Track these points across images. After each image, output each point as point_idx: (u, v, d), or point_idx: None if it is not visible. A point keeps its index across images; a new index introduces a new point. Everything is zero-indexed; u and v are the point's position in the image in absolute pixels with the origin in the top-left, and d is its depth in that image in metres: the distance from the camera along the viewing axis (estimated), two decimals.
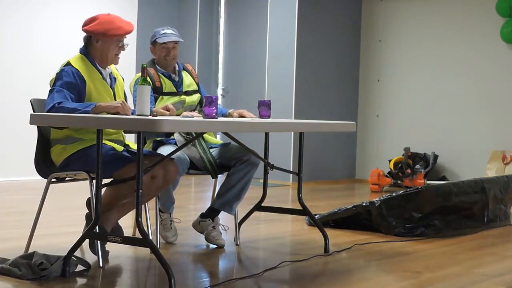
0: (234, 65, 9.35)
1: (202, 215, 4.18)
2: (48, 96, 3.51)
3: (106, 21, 3.63)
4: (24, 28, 7.61)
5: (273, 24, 8.30)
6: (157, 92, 4.13)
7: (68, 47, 7.68)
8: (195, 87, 4.32)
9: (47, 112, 3.40)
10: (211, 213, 4.15)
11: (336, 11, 8.63)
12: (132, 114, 3.47)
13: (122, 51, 3.72)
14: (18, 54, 7.57)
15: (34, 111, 3.64)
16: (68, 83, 3.51)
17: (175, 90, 4.20)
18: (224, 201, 4.09)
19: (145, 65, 3.38)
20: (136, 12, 8.46)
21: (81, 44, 3.73)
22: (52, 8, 7.84)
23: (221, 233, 4.15)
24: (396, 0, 8.62)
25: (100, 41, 3.65)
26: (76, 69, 3.56)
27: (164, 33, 4.16)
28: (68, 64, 3.59)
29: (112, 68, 3.79)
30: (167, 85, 4.18)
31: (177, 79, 4.24)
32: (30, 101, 3.71)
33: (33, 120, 3.23)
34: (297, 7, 8.07)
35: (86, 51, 3.69)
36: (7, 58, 7.50)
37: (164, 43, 4.14)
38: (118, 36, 3.64)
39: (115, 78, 3.79)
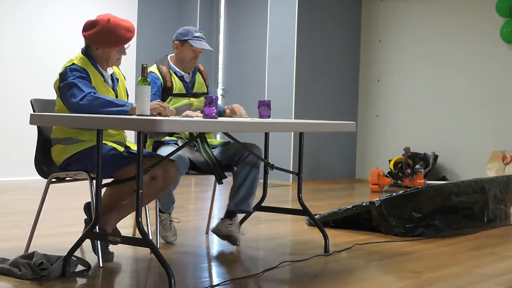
0: (234, 65, 9.35)
1: (221, 218, 4.13)
2: (68, 89, 3.42)
3: (105, 31, 3.54)
4: (24, 28, 7.62)
5: (273, 24, 8.31)
6: (167, 92, 4.10)
7: (68, 47, 7.70)
8: (204, 89, 4.30)
9: (77, 102, 3.34)
10: (229, 215, 4.10)
11: (336, 11, 8.63)
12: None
13: (125, 53, 3.67)
14: (18, 54, 7.58)
15: (34, 111, 3.64)
16: (83, 77, 3.48)
17: (185, 92, 4.17)
18: (238, 200, 4.05)
19: (145, 65, 3.37)
20: (136, 12, 8.47)
21: (81, 44, 3.71)
22: (52, 8, 7.85)
23: (239, 230, 4.08)
24: (396, 0, 8.62)
25: (100, 49, 3.60)
26: (82, 67, 3.53)
27: (197, 37, 4.12)
28: (73, 64, 3.54)
29: (114, 68, 3.76)
30: (178, 86, 4.15)
31: (188, 80, 4.21)
32: (30, 101, 3.71)
33: (33, 120, 3.23)
34: (297, 7, 8.07)
35: (87, 53, 3.64)
36: (7, 58, 7.50)
37: (197, 47, 4.10)
38: (118, 47, 3.59)
39: (117, 79, 3.76)
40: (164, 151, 3.94)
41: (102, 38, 3.55)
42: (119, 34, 3.56)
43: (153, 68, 4.16)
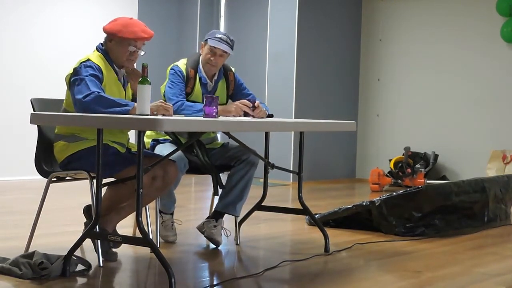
0: (234, 65, 9.32)
1: (207, 218, 4.16)
2: (76, 85, 3.41)
3: (123, 23, 3.61)
4: (24, 28, 7.62)
5: (273, 24, 8.30)
6: None
7: (68, 47, 7.73)
8: (223, 100, 4.20)
9: (81, 99, 3.33)
10: (216, 216, 4.13)
11: (336, 11, 8.63)
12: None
13: (137, 57, 3.66)
14: (18, 54, 7.58)
15: (34, 111, 3.64)
16: (95, 76, 3.47)
17: (200, 101, 4.08)
18: (227, 202, 4.07)
19: (145, 64, 3.37)
20: (136, 12, 8.46)
21: (81, 43, 3.71)
22: (52, 8, 7.84)
23: (221, 234, 4.13)
24: (396, 0, 8.62)
25: (113, 41, 3.62)
26: (98, 65, 3.53)
27: (219, 38, 4.11)
28: (88, 60, 3.54)
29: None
30: (195, 93, 4.09)
31: (210, 89, 4.17)
32: (30, 100, 3.71)
33: (33, 119, 3.23)
34: (297, 7, 8.07)
35: (105, 50, 3.65)
36: (7, 58, 7.50)
37: (213, 46, 4.08)
38: (128, 39, 3.59)
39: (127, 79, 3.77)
40: (162, 150, 3.93)
41: (118, 27, 3.59)
42: (135, 30, 3.60)
43: (181, 64, 4.11)
